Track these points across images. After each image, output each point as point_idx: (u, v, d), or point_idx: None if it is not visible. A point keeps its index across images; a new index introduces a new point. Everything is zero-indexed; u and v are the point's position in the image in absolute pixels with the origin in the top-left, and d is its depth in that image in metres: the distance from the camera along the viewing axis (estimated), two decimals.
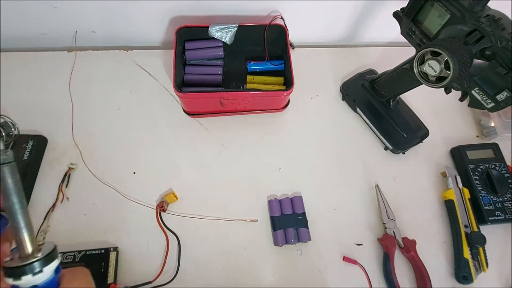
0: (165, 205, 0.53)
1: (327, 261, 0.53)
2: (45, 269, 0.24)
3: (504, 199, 0.56)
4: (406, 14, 0.47)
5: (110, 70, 0.65)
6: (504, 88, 0.40)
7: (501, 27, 0.37)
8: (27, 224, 0.25)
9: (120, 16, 0.63)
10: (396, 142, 0.60)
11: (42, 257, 0.24)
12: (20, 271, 0.23)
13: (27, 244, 0.24)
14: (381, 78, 0.59)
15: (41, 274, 0.23)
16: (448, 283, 0.53)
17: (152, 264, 0.50)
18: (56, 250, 0.25)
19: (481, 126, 0.65)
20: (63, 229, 0.51)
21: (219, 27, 0.60)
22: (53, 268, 0.24)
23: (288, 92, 0.57)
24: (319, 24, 0.69)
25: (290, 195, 0.57)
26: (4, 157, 0.25)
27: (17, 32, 0.65)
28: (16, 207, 0.24)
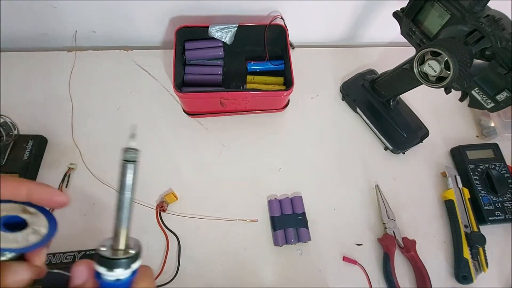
0: (165, 205, 0.53)
1: (327, 261, 0.53)
2: (132, 265, 0.25)
3: (504, 199, 0.56)
4: (406, 14, 0.47)
5: (110, 70, 0.65)
6: (504, 88, 0.40)
7: (501, 27, 0.37)
8: (129, 220, 0.26)
9: (120, 16, 0.63)
10: (396, 142, 0.60)
11: (134, 254, 0.25)
12: (115, 264, 0.24)
13: (122, 238, 0.26)
14: (381, 78, 0.59)
15: (128, 269, 0.24)
16: (448, 283, 0.53)
17: (152, 264, 0.50)
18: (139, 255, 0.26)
19: (481, 126, 0.65)
20: (62, 229, 0.51)
21: (219, 27, 0.60)
22: (138, 266, 0.25)
23: (288, 92, 0.57)
24: (319, 24, 0.69)
25: (290, 195, 0.57)
26: (132, 155, 0.26)
27: (17, 32, 0.65)
28: (126, 202, 0.26)
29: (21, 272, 0.21)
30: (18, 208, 0.25)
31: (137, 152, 0.26)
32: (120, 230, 0.26)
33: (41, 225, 0.25)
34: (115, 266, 0.24)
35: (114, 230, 0.26)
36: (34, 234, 0.24)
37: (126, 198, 0.26)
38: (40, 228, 0.25)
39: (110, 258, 0.24)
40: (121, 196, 0.26)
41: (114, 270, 0.24)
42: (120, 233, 0.26)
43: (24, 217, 0.24)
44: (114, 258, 0.24)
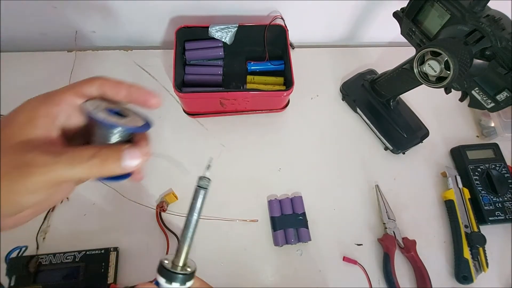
0: (165, 205, 0.53)
1: (327, 261, 0.53)
2: (187, 283, 0.28)
3: (504, 199, 0.56)
4: (406, 14, 0.47)
5: (110, 70, 0.65)
6: (504, 88, 0.40)
7: (501, 27, 0.37)
8: (191, 239, 0.29)
9: (120, 16, 0.63)
10: (396, 142, 0.60)
11: (190, 272, 0.28)
12: (174, 277, 0.27)
13: (183, 256, 0.29)
14: (381, 78, 0.59)
15: (183, 286, 0.28)
16: (448, 283, 0.53)
17: (152, 264, 0.49)
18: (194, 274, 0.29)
19: (481, 126, 0.65)
20: (63, 229, 0.51)
21: (219, 27, 0.60)
22: (190, 285, 0.28)
23: (288, 92, 0.57)
24: (319, 24, 0.69)
25: (290, 195, 0.57)
26: (205, 183, 0.30)
27: (17, 33, 0.64)
28: (193, 222, 0.29)
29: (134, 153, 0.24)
30: (120, 106, 0.27)
31: (210, 181, 0.30)
32: (183, 247, 0.29)
33: (138, 120, 0.27)
34: (174, 279, 0.27)
35: (177, 246, 0.29)
36: (133, 123, 0.26)
37: (193, 219, 0.29)
38: (137, 121, 0.27)
39: (169, 270, 0.27)
40: (190, 217, 0.29)
41: (172, 283, 0.27)
42: (182, 250, 0.29)
43: (124, 113, 0.27)
44: (173, 272, 0.27)
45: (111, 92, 0.26)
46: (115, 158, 0.23)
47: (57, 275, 0.47)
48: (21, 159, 0.21)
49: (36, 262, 0.47)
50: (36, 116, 0.23)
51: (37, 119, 0.23)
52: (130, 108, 0.28)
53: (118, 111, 0.26)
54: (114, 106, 0.27)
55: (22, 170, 0.21)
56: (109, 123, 0.24)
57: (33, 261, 0.47)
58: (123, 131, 0.25)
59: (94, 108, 0.25)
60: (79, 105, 0.25)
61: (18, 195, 0.21)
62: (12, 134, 0.22)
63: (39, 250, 0.49)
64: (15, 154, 0.21)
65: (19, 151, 0.21)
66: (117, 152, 0.24)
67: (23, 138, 0.22)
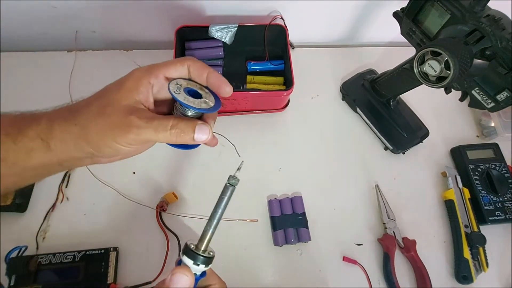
0: (165, 205, 0.53)
1: (327, 261, 0.53)
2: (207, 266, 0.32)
3: (504, 199, 0.56)
4: (406, 14, 0.47)
5: (110, 70, 0.65)
6: (504, 88, 0.40)
7: (501, 27, 0.37)
8: (214, 229, 0.33)
9: (120, 16, 0.63)
10: (396, 142, 0.60)
11: (210, 256, 0.32)
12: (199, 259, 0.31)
13: (205, 242, 0.33)
14: (381, 78, 0.59)
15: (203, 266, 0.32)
16: (448, 283, 0.53)
17: (152, 264, 0.50)
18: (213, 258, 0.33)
19: (481, 126, 0.65)
20: (63, 229, 0.51)
21: (219, 27, 0.60)
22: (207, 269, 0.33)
23: (288, 92, 0.57)
24: (319, 24, 0.69)
25: (290, 195, 0.57)
26: (234, 181, 0.34)
27: (17, 32, 0.64)
28: (217, 215, 0.33)
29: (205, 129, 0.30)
30: (198, 86, 0.33)
31: (238, 181, 0.34)
32: (206, 234, 0.33)
33: (210, 100, 0.32)
34: (198, 260, 0.31)
35: (202, 232, 0.33)
36: (204, 103, 0.31)
37: (219, 212, 0.34)
38: (209, 101, 0.32)
39: (193, 251, 0.31)
40: (217, 208, 0.34)
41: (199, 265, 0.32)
42: (204, 237, 0.33)
43: (200, 93, 0.32)
44: (197, 253, 0.31)
45: (195, 73, 0.32)
46: (189, 131, 0.29)
47: (57, 275, 0.47)
48: (125, 119, 0.28)
49: (36, 262, 0.47)
50: (140, 84, 0.29)
51: (140, 87, 0.29)
52: (206, 89, 0.33)
53: (195, 91, 0.32)
54: (194, 85, 0.32)
55: (125, 128, 0.28)
56: (185, 104, 0.30)
57: (33, 261, 0.47)
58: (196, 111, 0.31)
59: (177, 88, 0.31)
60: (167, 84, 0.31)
61: (118, 145, 0.28)
62: (122, 97, 0.29)
63: (39, 250, 0.49)
64: (122, 115, 0.28)
65: (125, 112, 0.28)
66: (191, 126, 0.29)
67: (129, 101, 0.29)
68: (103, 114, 0.28)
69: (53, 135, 0.29)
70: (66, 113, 0.30)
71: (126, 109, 0.28)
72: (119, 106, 0.28)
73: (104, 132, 0.28)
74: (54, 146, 0.29)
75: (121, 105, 0.28)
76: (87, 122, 0.28)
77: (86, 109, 0.29)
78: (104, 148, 0.29)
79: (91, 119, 0.28)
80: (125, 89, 0.29)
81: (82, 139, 0.29)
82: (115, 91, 0.30)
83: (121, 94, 0.29)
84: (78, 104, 0.31)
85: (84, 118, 0.29)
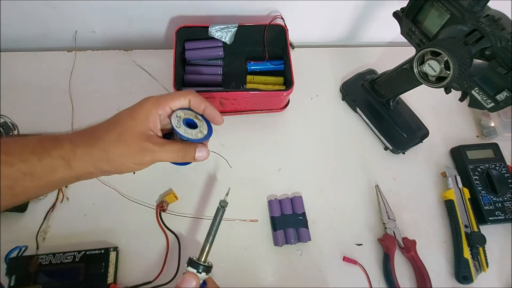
0: (165, 205, 0.53)
1: (327, 261, 0.53)
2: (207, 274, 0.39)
3: (504, 199, 0.56)
4: (406, 14, 0.47)
5: (110, 70, 0.65)
6: (504, 88, 0.40)
7: (501, 27, 0.37)
8: (211, 243, 0.40)
9: (120, 16, 0.63)
10: (396, 142, 0.60)
11: (209, 266, 0.39)
12: (199, 267, 0.38)
13: (204, 254, 0.40)
14: (381, 78, 0.59)
15: (204, 274, 0.38)
16: (448, 283, 0.53)
17: (152, 264, 0.50)
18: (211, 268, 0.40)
19: (481, 126, 0.65)
20: (63, 229, 0.51)
21: (219, 27, 0.60)
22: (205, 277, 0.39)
23: (288, 92, 0.57)
24: (319, 24, 0.69)
25: (290, 195, 0.57)
26: (224, 204, 0.42)
27: (17, 32, 0.65)
28: (213, 232, 0.41)
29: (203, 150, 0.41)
30: (193, 115, 0.42)
31: (227, 204, 0.42)
32: (205, 248, 0.40)
33: (204, 129, 0.42)
34: (198, 268, 0.38)
35: (202, 247, 0.40)
36: (200, 133, 0.41)
37: (214, 229, 0.41)
38: (203, 130, 0.42)
39: (196, 262, 0.39)
40: (213, 226, 0.41)
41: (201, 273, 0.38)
42: (204, 249, 0.40)
43: (196, 121, 0.42)
44: (198, 263, 0.38)
45: (194, 106, 0.41)
46: (192, 152, 0.39)
47: (57, 275, 0.47)
48: (141, 145, 0.35)
49: (36, 262, 0.47)
50: (150, 115, 0.37)
51: (150, 117, 0.37)
52: (200, 116, 0.43)
53: (192, 121, 0.41)
54: (190, 114, 0.41)
55: (142, 152, 0.35)
56: (185, 137, 0.39)
57: (33, 261, 0.47)
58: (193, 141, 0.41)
59: (177, 121, 0.39)
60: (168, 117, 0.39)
61: (135, 165, 0.36)
62: (136, 125, 0.36)
63: (39, 250, 0.49)
64: (138, 141, 0.35)
65: (140, 139, 0.35)
66: (193, 149, 0.40)
67: (142, 129, 0.36)
68: (122, 141, 0.35)
69: (76, 157, 0.35)
70: (87, 138, 0.36)
71: (141, 136, 0.36)
72: (135, 133, 0.36)
73: (124, 156, 0.36)
74: (75, 165, 0.35)
75: (136, 132, 0.36)
76: (109, 148, 0.35)
77: (106, 136, 0.36)
78: (122, 168, 0.37)
79: (112, 145, 0.35)
80: (138, 119, 0.37)
81: (104, 161, 0.36)
82: (130, 120, 0.37)
83: (135, 123, 0.36)
84: (97, 130, 0.37)
85: (106, 144, 0.35)
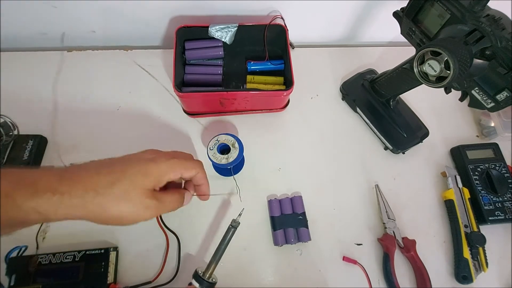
0: None
1: (327, 261, 0.53)
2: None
3: (504, 199, 0.56)
4: (406, 14, 0.47)
5: (110, 70, 0.65)
6: (504, 88, 0.40)
7: (501, 27, 0.37)
8: (218, 260, 0.43)
9: (120, 16, 0.63)
10: (396, 142, 0.60)
11: (213, 282, 0.43)
12: (203, 283, 0.42)
13: (210, 270, 0.43)
14: (381, 78, 0.59)
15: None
16: (448, 283, 0.53)
17: (152, 264, 0.50)
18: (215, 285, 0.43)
19: (481, 126, 0.65)
20: (63, 229, 0.51)
21: (219, 27, 0.60)
22: None
23: (288, 92, 0.57)
24: (319, 24, 0.69)
25: (290, 195, 0.57)
26: (235, 224, 0.44)
27: (17, 32, 0.65)
28: (221, 250, 0.44)
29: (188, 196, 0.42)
30: (232, 142, 0.51)
31: (239, 224, 0.45)
32: (211, 264, 0.43)
33: (231, 157, 0.50)
34: (201, 283, 0.42)
35: (208, 263, 0.44)
36: (224, 159, 0.49)
37: (223, 248, 0.44)
38: (229, 158, 0.50)
39: (200, 277, 0.42)
40: (221, 245, 0.44)
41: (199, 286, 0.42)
42: (210, 266, 0.43)
43: (231, 148, 0.50)
44: (203, 278, 0.42)
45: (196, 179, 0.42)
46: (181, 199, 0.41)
47: (57, 275, 0.47)
48: (146, 202, 0.35)
49: (36, 262, 0.47)
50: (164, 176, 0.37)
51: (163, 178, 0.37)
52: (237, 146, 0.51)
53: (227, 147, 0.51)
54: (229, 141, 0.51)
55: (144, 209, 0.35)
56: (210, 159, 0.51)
57: (33, 261, 0.47)
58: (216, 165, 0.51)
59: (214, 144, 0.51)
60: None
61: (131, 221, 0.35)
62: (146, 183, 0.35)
63: (39, 249, 0.49)
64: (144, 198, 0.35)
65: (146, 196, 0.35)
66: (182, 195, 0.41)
67: (150, 186, 0.36)
68: (127, 198, 0.34)
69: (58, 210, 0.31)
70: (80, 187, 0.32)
71: (148, 193, 0.35)
72: (142, 190, 0.35)
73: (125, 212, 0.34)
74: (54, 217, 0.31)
75: (144, 189, 0.35)
76: (108, 204, 0.33)
77: (109, 190, 0.33)
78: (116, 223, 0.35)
79: (113, 201, 0.33)
80: (151, 177, 0.36)
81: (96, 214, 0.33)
82: (140, 176, 0.35)
83: (146, 180, 0.35)
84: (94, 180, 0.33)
85: (106, 200, 0.32)
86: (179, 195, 0.39)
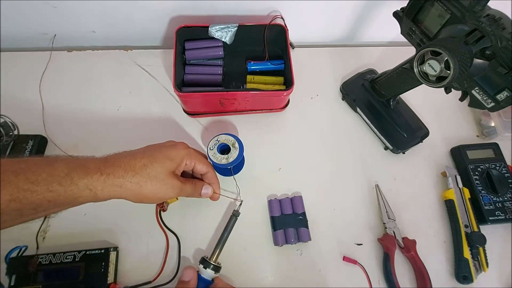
0: (165, 205, 0.53)
1: (327, 261, 0.53)
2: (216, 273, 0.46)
3: (504, 199, 0.56)
4: (406, 14, 0.47)
5: (110, 70, 0.65)
6: (504, 88, 0.40)
7: (501, 27, 0.37)
8: (222, 246, 0.47)
9: (120, 16, 0.63)
10: (396, 142, 0.60)
11: (218, 265, 0.46)
12: (209, 265, 0.45)
13: (216, 254, 0.47)
14: (381, 78, 0.59)
15: (212, 272, 0.45)
16: (448, 283, 0.53)
17: (152, 264, 0.50)
18: (220, 268, 0.46)
19: (481, 126, 0.65)
20: (63, 229, 0.51)
21: (219, 27, 0.60)
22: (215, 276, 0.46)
23: (288, 92, 0.57)
24: (319, 24, 0.69)
25: (290, 195, 0.57)
26: (236, 213, 0.49)
27: (17, 32, 0.65)
28: (225, 237, 0.48)
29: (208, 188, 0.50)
30: (232, 142, 0.51)
31: (239, 213, 0.49)
32: (216, 249, 0.47)
33: (231, 157, 0.50)
34: (208, 266, 0.45)
35: (214, 248, 0.47)
36: (224, 159, 0.50)
37: (226, 234, 0.48)
38: (229, 158, 0.50)
39: (205, 259, 0.46)
40: (223, 233, 0.48)
41: (207, 269, 0.45)
42: (215, 251, 0.47)
43: (231, 148, 0.51)
44: (206, 260, 0.46)
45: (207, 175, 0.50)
46: (199, 189, 0.48)
47: (57, 275, 0.47)
48: (172, 181, 0.43)
49: (36, 262, 0.47)
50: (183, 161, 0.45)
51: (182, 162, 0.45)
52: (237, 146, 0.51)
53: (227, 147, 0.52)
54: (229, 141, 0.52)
55: (171, 187, 0.43)
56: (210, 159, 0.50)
57: (33, 261, 0.47)
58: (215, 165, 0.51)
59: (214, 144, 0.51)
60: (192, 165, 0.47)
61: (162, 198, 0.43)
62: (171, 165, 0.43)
63: (39, 250, 0.49)
64: (170, 178, 0.42)
65: (171, 177, 0.43)
66: (200, 186, 0.49)
67: (173, 168, 0.43)
68: (158, 177, 0.41)
69: (104, 188, 0.38)
70: (120, 169, 0.39)
71: (172, 174, 0.43)
72: (168, 171, 0.42)
73: (157, 190, 0.41)
74: (101, 194, 0.38)
75: (170, 171, 0.42)
76: (144, 182, 0.40)
77: (144, 171, 0.40)
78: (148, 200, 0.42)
79: (148, 180, 0.40)
80: (174, 160, 0.43)
81: (134, 192, 0.40)
82: (167, 160, 0.42)
83: (171, 163, 0.43)
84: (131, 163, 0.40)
85: (142, 178, 0.40)
86: (196, 185, 0.47)
